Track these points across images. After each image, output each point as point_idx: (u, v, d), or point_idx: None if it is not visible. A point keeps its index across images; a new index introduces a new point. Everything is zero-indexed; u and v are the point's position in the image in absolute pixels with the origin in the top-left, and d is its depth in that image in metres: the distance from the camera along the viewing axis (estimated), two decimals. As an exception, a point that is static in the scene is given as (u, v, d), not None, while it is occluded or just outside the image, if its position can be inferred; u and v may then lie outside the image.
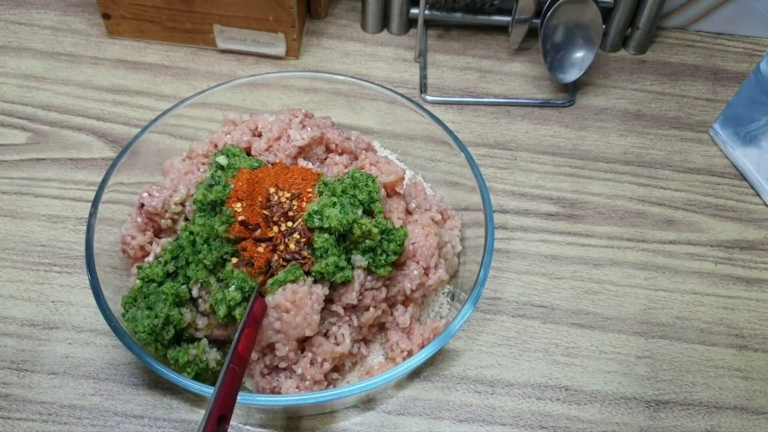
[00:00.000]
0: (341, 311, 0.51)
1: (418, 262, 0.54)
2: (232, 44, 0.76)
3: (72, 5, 0.81)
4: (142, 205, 0.54)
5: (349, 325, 0.52)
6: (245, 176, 0.52)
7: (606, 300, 0.62)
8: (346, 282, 0.50)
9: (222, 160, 0.55)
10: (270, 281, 0.49)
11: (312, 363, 0.51)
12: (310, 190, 0.52)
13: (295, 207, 0.51)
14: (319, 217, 0.50)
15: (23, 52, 0.76)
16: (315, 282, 0.50)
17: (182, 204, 0.54)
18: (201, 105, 0.63)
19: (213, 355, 0.50)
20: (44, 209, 0.64)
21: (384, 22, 0.81)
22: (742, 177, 0.71)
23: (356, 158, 0.60)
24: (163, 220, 0.54)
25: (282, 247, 0.50)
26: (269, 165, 0.55)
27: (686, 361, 0.59)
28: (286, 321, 0.48)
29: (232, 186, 0.52)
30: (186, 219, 0.54)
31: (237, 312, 0.48)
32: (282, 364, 0.51)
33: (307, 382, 0.51)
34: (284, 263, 0.50)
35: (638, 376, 0.58)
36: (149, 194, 0.54)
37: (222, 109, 0.63)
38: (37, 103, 0.72)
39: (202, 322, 0.51)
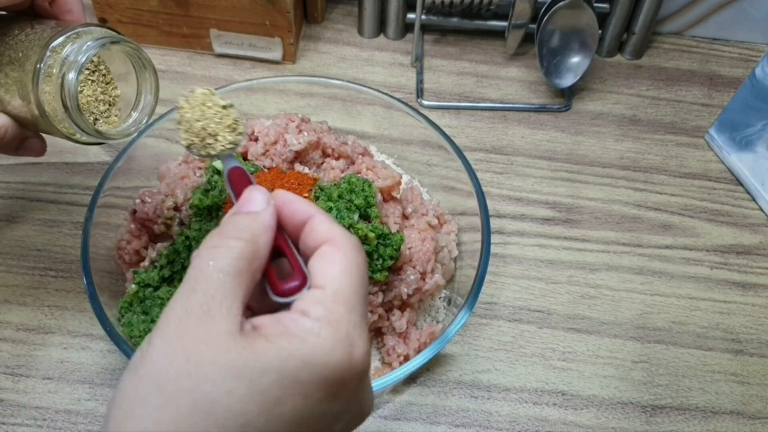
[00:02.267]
0: (337, 316, 0.51)
1: (414, 267, 0.54)
2: (229, 49, 0.76)
3: (68, 9, 0.81)
4: (135, 212, 0.53)
5: (346, 330, 0.52)
6: (241, 181, 0.52)
7: (602, 305, 0.62)
8: (343, 287, 0.50)
9: (218, 164, 0.54)
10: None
11: (308, 368, 0.51)
12: (306, 194, 0.52)
13: (291, 212, 0.51)
14: (316, 221, 0.49)
15: (19, 56, 0.76)
16: (311, 287, 0.49)
17: (177, 209, 0.54)
18: (197, 109, 0.63)
19: (209, 360, 0.50)
20: (40, 213, 0.64)
21: (380, 27, 0.81)
22: (738, 182, 0.71)
23: (353, 163, 0.60)
24: (156, 226, 0.54)
25: (278, 252, 0.50)
26: (265, 170, 0.55)
27: (682, 366, 0.59)
28: (282, 326, 0.48)
29: (229, 190, 0.52)
30: (182, 223, 0.54)
31: (233, 317, 0.48)
32: (278, 369, 0.50)
33: (303, 387, 0.50)
34: (280, 268, 0.49)
35: (635, 381, 0.58)
36: (141, 200, 0.53)
37: (218, 113, 0.63)
38: (33, 107, 0.72)
39: (197, 327, 0.51)
